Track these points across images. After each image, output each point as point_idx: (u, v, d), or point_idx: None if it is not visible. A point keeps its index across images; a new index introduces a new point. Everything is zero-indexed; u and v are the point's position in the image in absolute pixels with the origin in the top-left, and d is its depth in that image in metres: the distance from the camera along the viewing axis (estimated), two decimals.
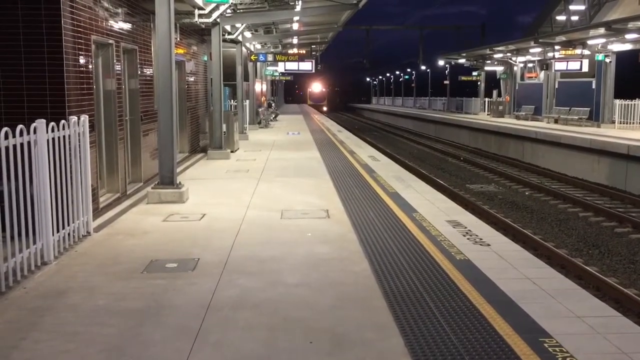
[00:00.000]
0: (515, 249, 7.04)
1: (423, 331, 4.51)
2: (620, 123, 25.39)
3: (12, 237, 5.51)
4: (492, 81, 42.53)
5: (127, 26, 10.34)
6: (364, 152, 17.37)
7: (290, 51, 30.94)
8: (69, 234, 6.83)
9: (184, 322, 4.72)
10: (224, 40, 17.46)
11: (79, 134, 7.09)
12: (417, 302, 5.12)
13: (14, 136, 5.52)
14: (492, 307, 4.99)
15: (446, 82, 52.20)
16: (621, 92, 27.30)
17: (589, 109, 27.32)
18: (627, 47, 25.12)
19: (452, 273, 5.91)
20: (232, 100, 22.37)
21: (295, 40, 30.87)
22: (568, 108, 29.08)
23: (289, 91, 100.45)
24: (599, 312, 4.96)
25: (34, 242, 5.98)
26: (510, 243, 7.37)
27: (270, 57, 26.23)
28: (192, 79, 16.99)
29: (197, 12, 13.65)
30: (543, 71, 31.48)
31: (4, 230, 5.45)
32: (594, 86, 27.07)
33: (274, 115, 34.68)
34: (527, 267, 6.12)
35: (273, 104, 38.88)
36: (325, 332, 4.51)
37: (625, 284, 9.30)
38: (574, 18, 37.31)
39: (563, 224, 13.27)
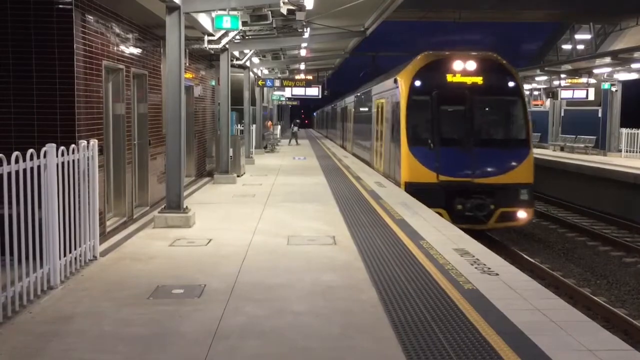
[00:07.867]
0: (524, 279, 6.96)
1: None
2: (627, 152, 25.38)
3: (19, 261, 5.50)
4: None
5: (137, 51, 10.44)
6: (370, 178, 17.35)
7: (297, 76, 31.17)
8: (75, 258, 6.81)
9: (191, 349, 4.68)
10: (232, 66, 17.58)
11: (88, 158, 7.11)
12: (425, 333, 5.07)
13: (24, 160, 5.55)
14: (502, 339, 4.93)
15: None
16: (627, 120, 27.33)
17: (595, 137, 27.34)
18: (633, 76, 25.25)
19: (461, 303, 5.85)
20: (238, 125, 22.48)
21: (302, 66, 31.10)
22: (574, 136, 29.10)
23: (295, 115, 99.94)
24: (610, 345, 4.89)
25: (41, 266, 5.96)
26: (519, 273, 7.30)
27: (277, 83, 26.39)
28: (199, 103, 17.09)
29: (206, 38, 13.79)
30: (549, 99, 31.59)
31: (11, 253, 5.44)
32: (600, 114, 27.14)
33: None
34: (536, 298, 6.06)
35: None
36: None
37: (634, 315, 9.21)
38: (580, 47, 37.53)
39: (570, 253, 13.19)
